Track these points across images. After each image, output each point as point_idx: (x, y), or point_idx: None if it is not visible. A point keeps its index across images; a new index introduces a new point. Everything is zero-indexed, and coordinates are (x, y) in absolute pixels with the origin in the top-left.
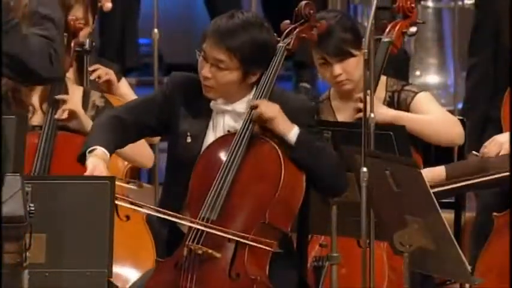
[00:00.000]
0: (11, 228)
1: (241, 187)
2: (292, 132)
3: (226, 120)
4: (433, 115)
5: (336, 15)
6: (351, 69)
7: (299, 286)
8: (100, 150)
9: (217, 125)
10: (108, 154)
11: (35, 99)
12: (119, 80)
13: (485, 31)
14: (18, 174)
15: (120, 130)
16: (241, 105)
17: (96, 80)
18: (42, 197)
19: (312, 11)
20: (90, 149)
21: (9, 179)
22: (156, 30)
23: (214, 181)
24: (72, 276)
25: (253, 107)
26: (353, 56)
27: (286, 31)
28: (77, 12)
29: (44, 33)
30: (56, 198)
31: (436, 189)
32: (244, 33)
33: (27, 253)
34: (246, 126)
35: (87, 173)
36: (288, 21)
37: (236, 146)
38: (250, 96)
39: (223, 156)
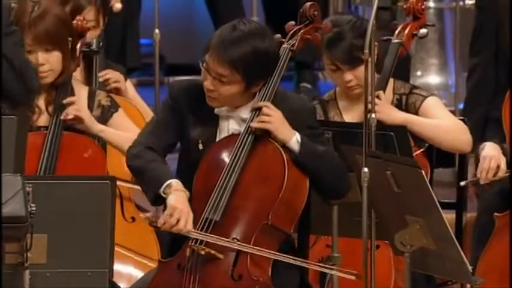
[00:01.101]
0: (12, 228)
1: (244, 188)
2: (293, 140)
3: (231, 124)
4: (443, 121)
5: (350, 20)
6: (362, 75)
7: (301, 286)
8: (175, 182)
9: (222, 129)
10: (181, 183)
11: (41, 101)
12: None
13: (486, 31)
14: (19, 174)
15: (161, 157)
16: (245, 111)
17: (105, 83)
18: (43, 197)
19: (316, 12)
20: (164, 187)
21: (10, 179)
22: (157, 30)
23: (218, 182)
24: (74, 276)
25: (256, 109)
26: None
27: (291, 32)
28: (89, 14)
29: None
30: (56, 199)
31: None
32: (247, 46)
33: (29, 253)
34: (250, 127)
35: (169, 212)
36: (292, 22)
37: (240, 146)
38: (254, 101)
39: (226, 157)
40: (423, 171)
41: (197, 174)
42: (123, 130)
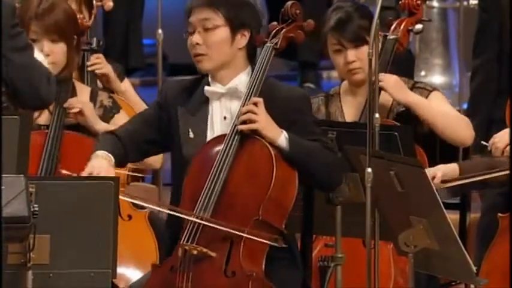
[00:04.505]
0: (15, 228)
1: (233, 186)
2: (281, 138)
3: (222, 103)
4: (450, 111)
5: (353, 4)
6: (364, 57)
7: (302, 287)
8: (100, 152)
9: (214, 113)
10: (111, 156)
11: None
12: (121, 80)
13: (489, 32)
14: (22, 174)
15: (120, 145)
16: (233, 83)
17: (95, 71)
18: (46, 197)
19: (298, 11)
20: (92, 156)
21: (12, 179)
22: (160, 30)
23: (207, 181)
24: (76, 277)
25: (244, 113)
26: (368, 43)
27: (274, 31)
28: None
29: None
30: (59, 199)
31: (449, 184)
32: None
33: (31, 254)
34: (236, 125)
35: (84, 172)
36: (275, 22)
37: (227, 145)
38: (242, 75)
39: (215, 156)
40: (426, 171)
41: (186, 177)
42: None
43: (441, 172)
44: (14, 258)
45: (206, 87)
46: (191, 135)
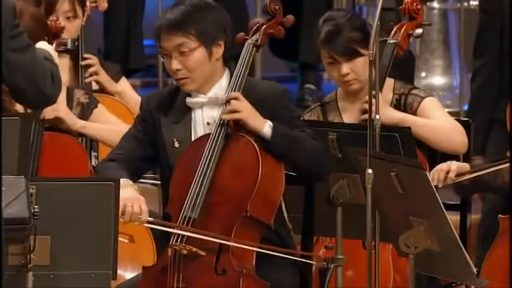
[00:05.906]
0: (15, 230)
1: (220, 184)
2: (266, 127)
3: (204, 111)
4: (439, 121)
5: (346, 14)
6: (358, 68)
7: (301, 285)
8: (122, 180)
9: (197, 120)
10: (130, 181)
11: (19, 105)
12: (118, 79)
13: (490, 33)
14: (22, 176)
15: (123, 167)
16: (214, 91)
17: (87, 78)
18: (46, 198)
19: (277, 7)
20: None
21: (13, 180)
22: None
23: (193, 180)
24: (77, 278)
25: (227, 101)
26: (361, 55)
27: (254, 28)
28: (63, 5)
29: (45, 55)
30: (60, 200)
31: (463, 178)
32: (191, 11)
33: (32, 255)
34: (221, 123)
35: (122, 204)
36: (256, 19)
37: (212, 144)
38: (223, 81)
39: (200, 156)
40: (427, 173)
41: (173, 178)
42: (106, 124)
43: (456, 165)
44: (14, 259)
45: (188, 99)
46: (176, 144)
